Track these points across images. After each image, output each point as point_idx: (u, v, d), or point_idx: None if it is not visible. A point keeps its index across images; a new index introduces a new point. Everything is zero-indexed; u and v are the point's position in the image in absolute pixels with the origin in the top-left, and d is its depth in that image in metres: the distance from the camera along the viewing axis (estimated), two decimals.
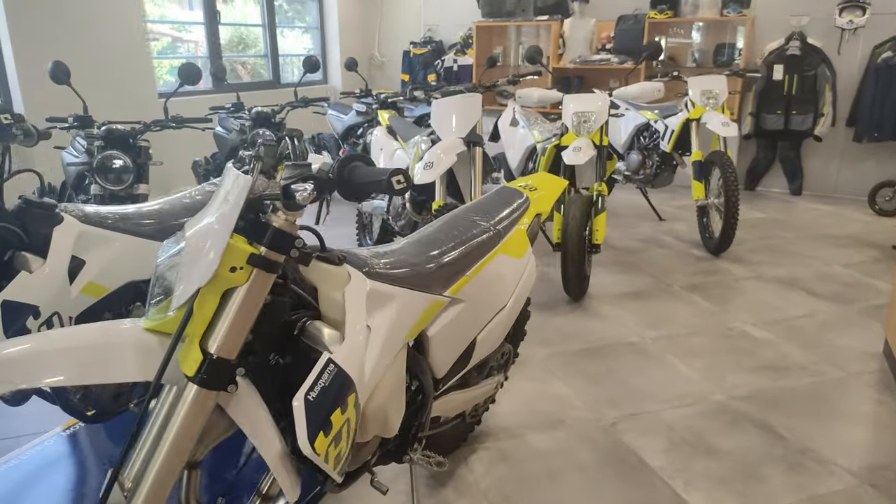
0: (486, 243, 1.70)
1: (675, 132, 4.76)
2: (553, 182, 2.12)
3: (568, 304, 3.70)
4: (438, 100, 3.35)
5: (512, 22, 7.00)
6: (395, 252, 1.51)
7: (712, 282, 4.04)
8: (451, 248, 1.60)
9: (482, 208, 1.81)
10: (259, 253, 1.22)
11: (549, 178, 2.16)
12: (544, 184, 2.08)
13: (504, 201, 1.87)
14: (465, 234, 1.68)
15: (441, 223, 1.71)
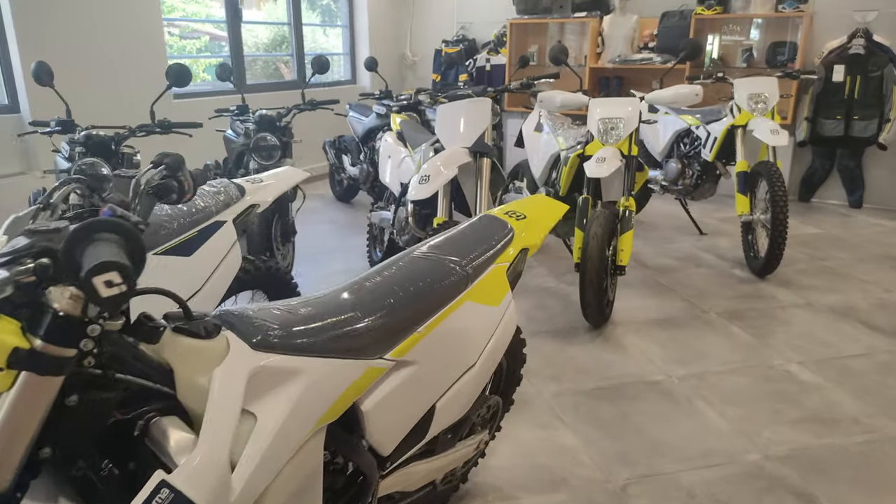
0: (448, 289, 1.37)
1: (718, 139, 4.32)
2: (548, 208, 1.77)
3: (587, 332, 3.33)
4: (443, 105, 3.02)
5: (548, 19, 6.62)
6: (319, 305, 1.20)
7: (755, 309, 3.61)
8: (400, 296, 1.28)
9: (450, 243, 1.48)
10: (29, 348, 0.86)
11: (544, 202, 1.81)
12: (537, 210, 1.74)
13: (480, 234, 1.54)
14: (421, 278, 1.36)
15: (392, 264, 1.39)
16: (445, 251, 1.44)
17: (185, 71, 3.08)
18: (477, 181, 2.84)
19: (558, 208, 1.80)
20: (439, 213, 2.94)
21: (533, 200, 1.83)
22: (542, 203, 1.81)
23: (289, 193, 3.89)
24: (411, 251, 1.45)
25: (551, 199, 1.88)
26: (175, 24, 10.20)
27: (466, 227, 1.59)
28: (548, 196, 1.92)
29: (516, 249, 1.58)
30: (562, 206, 1.83)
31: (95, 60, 4.65)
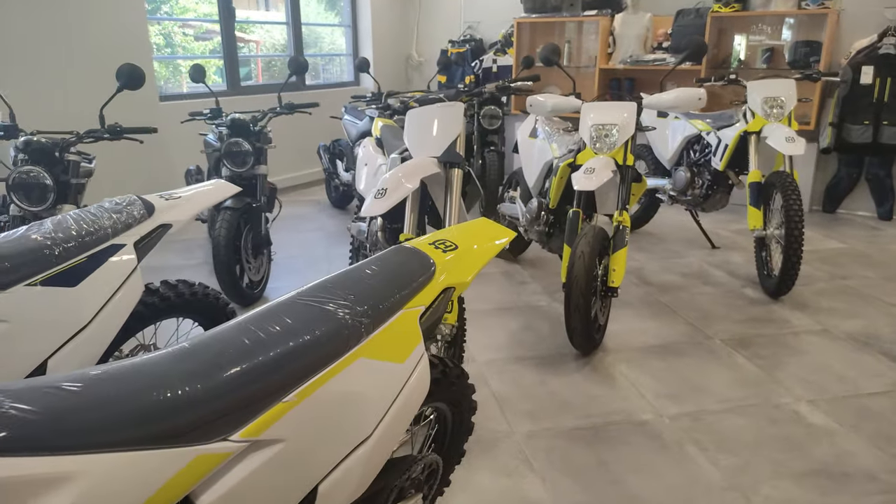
0: (333, 344, 1.09)
1: (729, 147, 3.98)
2: (489, 236, 1.48)
3: (575, 360, 3.02)
4: (412, 110, 2.75)
5: (556, 18, 6.30)
6: (129, 376, 0.92)
7: (764, 335, 3.26)
8: (258, 360, 1.01)
9: (344, 284, 1.21)
10: None
11: (486, 228, 1.52)
12: (474, 238, 1.45)
13: (389, 271, 1.26)
14: (295, 330, 1.08)
15: (260, 313, 1.12)
16: (336, 294, 1.16)
17: (138, 72, 2.85)
18: (447, 195, 2.56)
19: (501, 236, 1.51)
20: (406, 228, 2.66)
21: (472, 226, 1.54)
22: (482, 230, 1.52)
23: (262, 203, 3.66)
24: (291, 295, 1.18)
25: (496, 224, 1.59)
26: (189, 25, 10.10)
27: (374, 262, 1.31)
28: (492, 222, 1.62)
29: (436, 290, 1.30)
30: (507, 233, 1.54)
31: (77, 59, 4.46)
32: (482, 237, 1.49)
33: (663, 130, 4.60)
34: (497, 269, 4.21)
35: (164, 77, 8.40)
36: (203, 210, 2.00)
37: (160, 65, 7.94)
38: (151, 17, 5.18)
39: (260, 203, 3.65)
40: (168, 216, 1.83)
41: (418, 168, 2.47)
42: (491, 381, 2.83)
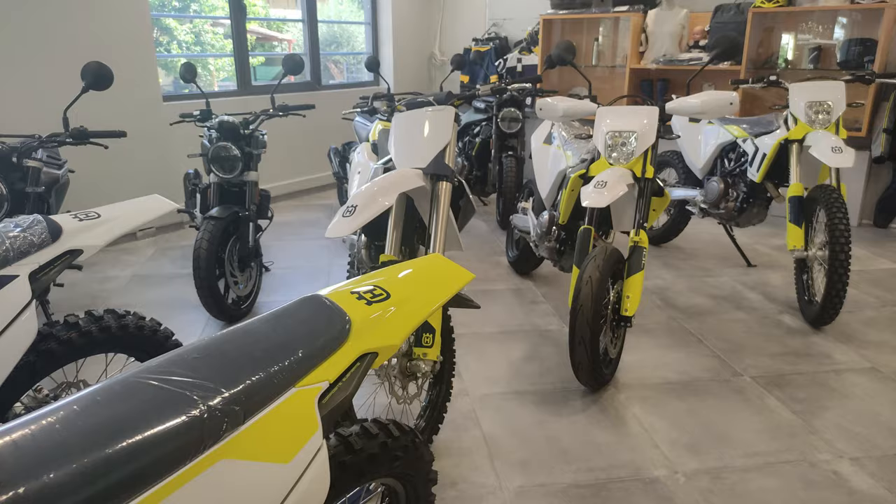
0: (177, 442, 0.80)
1: (767, 156, 3.57)
2: (441, 276, 1.17)
3: (581, 397, 2.68)
4: (398, 114, 2.44)
5: (585, 14, 5.92)
6: None
7: (802, 373, 2.86)
8: (67, 464, 0.72)
9: (214, 354, 0.90)
10: None
11: (436, 269, 1.20)
12: (418, 282, 1.14)
13: (281, 335, 0.95)
14: (126, 424, 0.79)
15: (86, 396, 0.82)
16: (194, 370, 0.87)
17: (105, 71, 2.62)
18: (433, 212, 2.25)
19: (454, 280, 1.19)
20: (388, 248, 2.36)
21: (420, 266, 1.23)
22: (432, 270, 1.21)
23: (251, 212, 3.40)
24: (134, 371, 0.88)
25: (451, 264, 1.27)
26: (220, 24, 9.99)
27: (264, 321, 1.00)
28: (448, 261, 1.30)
29: (348, 359, 0.99)
30: (463, 276, 1.23)
31: (72, 59, 4.28)
32: (429, 281, 1.18)
33: (695, 136, 4.20)
34: (506, 286, 3.87)
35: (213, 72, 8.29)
36: (131, 230, 1.72)
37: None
38: (156, 14, 4.98)
39: (249, 212, 3.39)
40: (78, 240, 1.56)
41: (398, 181, 2.16)
42: (483, 421, 2.51)
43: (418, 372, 2.14)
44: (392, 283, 1.15)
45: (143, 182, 4.77)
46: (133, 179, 4.74)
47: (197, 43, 8.52)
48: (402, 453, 1.33)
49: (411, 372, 2.16)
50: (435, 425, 2.35)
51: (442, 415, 2.39)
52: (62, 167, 2.89)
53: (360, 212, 2.02)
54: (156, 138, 4.79)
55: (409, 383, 2.19)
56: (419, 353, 2.15)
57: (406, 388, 2.20)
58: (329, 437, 1.15)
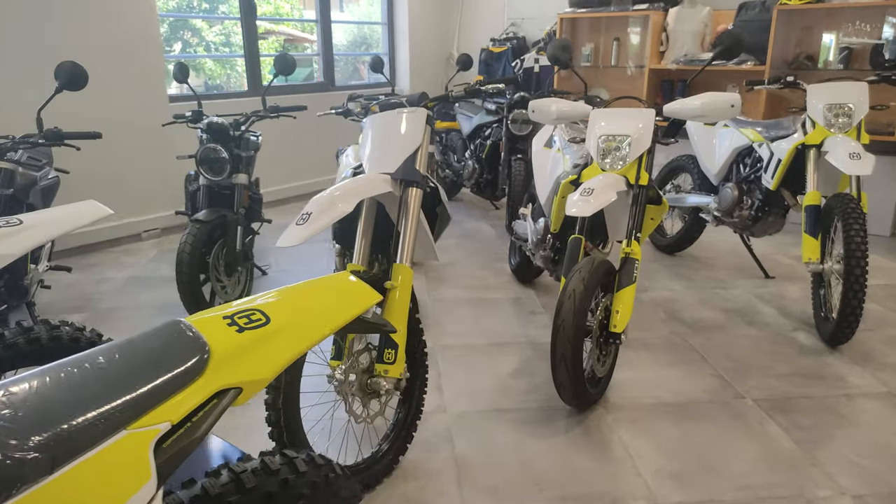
0: None
1: (782, 162, 3.35)
2: (342, 298, 1.04)
3: (566, 417, 2.52)
4: (370, 116, 2.31)
5: (603, 13, 5.72)
6: None
7: (810, 397, 2.65)
8: None
9: (26, 391, 0.79)
10: None
11: (341, 288, 1.07)
12: (312, 305, 1.01)
13: (117, 367, 0.83)
14: None
15: None
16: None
17: (79, 71, 2.56)
18: (401, 220, 2.12)
19: (356, 302, 1.07)
20: (355, 258, 2.24)
21: (319, 287, 1.10)
22: (330, 292, 1.08)
23: (239, 216, 3.32)
24: None
25: (359, 283, 1.14)
26: None
27: (107, 350, 0.89)
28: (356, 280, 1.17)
29: (203, 394, 0.87)
30: (368, 298, 1.10)
31: (81, 55, 4.27)
32: (325, 303, 1.05)
33: (710, 140, 3.99)
34: (506, 295, 3.72)
35: (220, 76, 8.34)
36: (56, 237, 1.64)
37: (215, 63, 7.86)
38: (163, 15, 4.96)
39: (237, 215, 3.32)
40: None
41: (360, 187, 2.04)
42: (457, 441, 2.37)
43: (379, 389, 2.02)
44: (278, 305, 1.02)
45: (146, 183, 4.76)
46: (136, 180, 4.72)
47: (226, 44, 8.56)
48: (308, 491, 1.21)
49: (372, 389, 2.04)
50: (402, 446, 2.22)
51: (411, 434, 2.26)
52: (41, 168, 2.85)
53: (314, 219, 1.91)
54: (160, 139, 4.77)
55: (370, 401, 2.07)
56: (380, 369, 2.02)
57: (367, 405, 2.08)
58: (196, 481, 1.03)
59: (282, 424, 1.79)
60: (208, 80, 9.25)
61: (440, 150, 5.79)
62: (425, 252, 2.45)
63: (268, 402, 1.80)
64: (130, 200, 4.70)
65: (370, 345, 2.09)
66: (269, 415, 1.80)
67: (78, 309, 3.55)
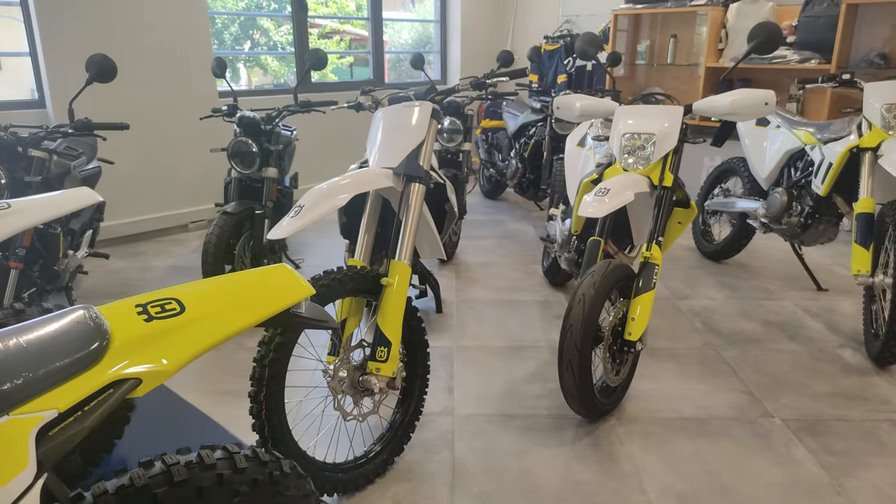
0: None
1: (834, 166, 3.12)
2: (272, 290, 1.00)
3: (576, 427, 2.42)
4: (379, 110, 2.28)
5: (659, 9, 5.51)
6: None
7: (846, 419, 2.45)
8: None
9: None
10: None
11: (274, 280, 1.03)
12: (236, 296, 0.97)
13: (13, 352, 0.81)
14: None
15: None
16: None
17: (109, 64, 2.64)
18: (403, 217, 2.07)
19: (284, 296, 1.02)
20: (357, 253, 2.21)
21: (249, 279, 1.06)
22: (260, 284, 1.04)
23: (268, 209, 3.36)
24: None
25: (293, 275, 1.10)
26: (315, 24, 10.24)
27: (6, 333, 0.88)
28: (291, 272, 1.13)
29: (96, 383, 0.85)
30: (299, 291, 1.05)
31: (134, 52, 4.44)
32: (251, 295, 1.02)
33: (761, 141, 3.77)
34: (534, 298, 3.63)
35: (283, 74, 8.54)
36: (43, 221, 1.67)
37: (280, 62, 8.05)
38: (213, 13, 5.10)
39: (265, 208, 3.35)
40: None
41: (357, 181, 2.01)
42: (458, 445, 2.31)
43: (370, 387, 1.99)
44: (198, 295, 1.00)
45: (194, 175, 4.90)
46: (185, 172, 4.87)
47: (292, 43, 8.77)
48: (247, 488, 1.18)
49: (364, 387, 2.01)
50: (398, 446, 2.18)
51: (408, 435, 2.21)
52: (77, 157, 2.96)
53: (305, 212, 1.89)
54: (209, 133, 4.90)
55: (362, 399, 2.04)
56: (372, 367, 1.99)
57: (359, 404, 2.04)
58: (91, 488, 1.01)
59: (263, 418, 1.78)
60: (275, 78, 9.49)
61: (485, 148, 5.73)
62: (431, 249, 2.40)
63: (250, 394, 1.79)
64: (179, 192, 4.85)
65: (364, 342, 2.06)
66: (252, 408, 1.79)
67: (116, 295, 3.68)
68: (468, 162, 4.25)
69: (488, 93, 4.06)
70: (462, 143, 4.16)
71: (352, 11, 8.34)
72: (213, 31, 8.61)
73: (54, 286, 2.94)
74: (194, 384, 2.71)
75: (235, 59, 9.61)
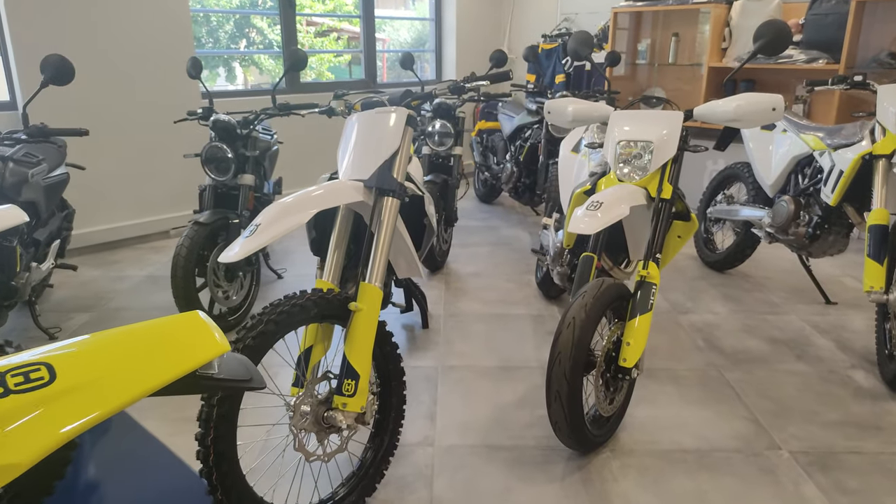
0: None
1: (845, 173, 2.93)
2: (176, 348, 0.82)
3: (566, 460, 2.22)
4: (353, 115, 2.09)
5: (660, 6, 5.30)
6: None
7: (861, 452, 2.25)
8: None
9: None
10: None
11: (184, 331, 0.85)
12: (120, 360, 0.79)
13: None
14: None
15: None
16: None
17: (66, 65, 2.45)
18: (375, 234, 1.88)
19: (192, 355, 0.84)
20: (325, 274, 2.02)
21: (150, 331, 0.88)
22: (162, 339, 0.85)
23: (244, 219, 3.18)
24: None
25: (206, 329, 0.91)
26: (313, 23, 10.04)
27: None
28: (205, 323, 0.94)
29: None
30: (210, 349, 0.86)
31: (111, 50, 4.26)
32: (146, 356, 0.83)
33: (766, 146, 3.57)
34: (527, 312, 3.43)
35: (278, 74, 8.33)
36: None
37: (276, 61, 7.85)
38: (195, 10, 4.91)
39: (241, 218, 3.17)
40: None
41: (322, 196, 1.82)
42: (437, 481, 2.12)
43: (336, 424, 1.80)
44: (76, 358, 0.81)
45: (175, 179, 4.71)
46: (166, 176, 4.68)
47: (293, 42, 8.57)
48: None
49: (329, 424, 1.82)
50: (370, 486, 1.99)
51: (381, 472, 2.02)
52: (36, 165, 2.78)
53: (262, 231, 1.70)
54: (190, 136, 4.71)
55: (326, 437, 1.85)
56: (339, 402, 1.80)
57: (324, 442, 1.85)
58: None
59: (211, 464, 1.59)
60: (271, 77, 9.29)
61: (481, 151, 5.54)
62: (408, 267, 2.21)
63: (197, 437, 1.60)
64: (159, 197, 4.66)
65: (330, 373, 1.87)
66: (198, 452, 1.60)
67: (87, 308, 3.49)
68: (460, 167, 4.06)
69: (481, 95, 3.87)
70: (453, 147, 3.97)
71: (351, 10, 8.16)
72: (208, 30, 8.43)
73: (12, 302, 2.76)
74: (156, 409, 2.53)
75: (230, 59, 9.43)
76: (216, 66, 8.72)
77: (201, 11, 5.25)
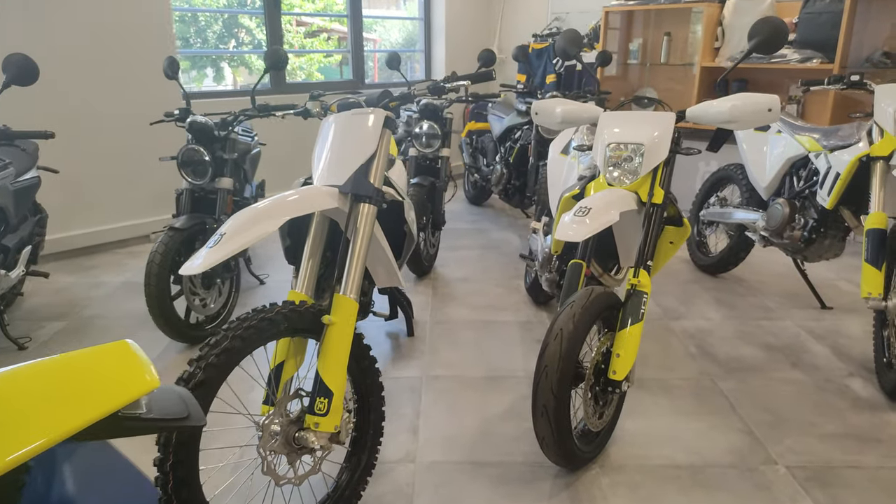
0: None
1: (841, 176, 2.84)
2: (100, 383, 0.72)
3: (553, 477, 2.12)
4: (327, 118, 1.98)
5: (652, 6, 5.22)
6: None
7: (861, 466, 2.16)
8: None
9: None
10: None
11: (111, 363, 0.75)
12: (30, 397, 0.69)
13: None
14: None
15: None
16: None
17: (30, 65, 2.33)
18: (351, 243, 1.78)
19: (117, 392, 0.74)
20: (298, 284, 1.91)
21: (58, 367, 0.77)
22: (72, 376, 0.75)
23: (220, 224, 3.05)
24: None
25: (136, 361, 0.81)
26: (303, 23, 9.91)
27: None
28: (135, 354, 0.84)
29: None
30: (138, 385, 0.76)
31: (86, 54, 4.13)
32: (61, 393, 0.73)
33: (760, 147, 3.49)
34: (515, 318, 3.33)
35: (291, 71, 8.23)
36: None
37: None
38: (177, 9, 4.79)
39: (219, 223, 3.06)
40: None
41: (292, 203, 1.71)
42: (417, 501, 2.01)
43: (308, 445, 1.69)
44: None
45: (155, 182, 4.59)
46: (146, 179, 4.56)
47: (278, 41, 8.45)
48: None
49: (301, 445, 1.71)
50: None
51: (358, 493, 1.92)
52: (2, 169, 2.66)
53: (226, 241, 1.59)
54: (172, 138, 4.60)
55: (298, 458, 1.74)
56: (311, 422, 1.70)
57: (295, 464, 1.75)
58: None
59: (170, 491, 1.48)
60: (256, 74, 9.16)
61: (470, 152, 5.44)
62: (388, 277, 2.11)
63: (155, 462, 1.49)
64: (139, 200, 4.54)
65: (301, 391, 1.76)
66: (157, 478, 1.49)
67: (60, 316, 3.37)
68: (447, 169, 3.96)
69: (469, 96, 3.77)
70: (440, 149, 3.87)
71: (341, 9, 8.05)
72: (196, 30, 8.30)
73: None
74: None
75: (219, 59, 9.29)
76: (204, 66, 8.60)
77: (185, 10, 5.13)
